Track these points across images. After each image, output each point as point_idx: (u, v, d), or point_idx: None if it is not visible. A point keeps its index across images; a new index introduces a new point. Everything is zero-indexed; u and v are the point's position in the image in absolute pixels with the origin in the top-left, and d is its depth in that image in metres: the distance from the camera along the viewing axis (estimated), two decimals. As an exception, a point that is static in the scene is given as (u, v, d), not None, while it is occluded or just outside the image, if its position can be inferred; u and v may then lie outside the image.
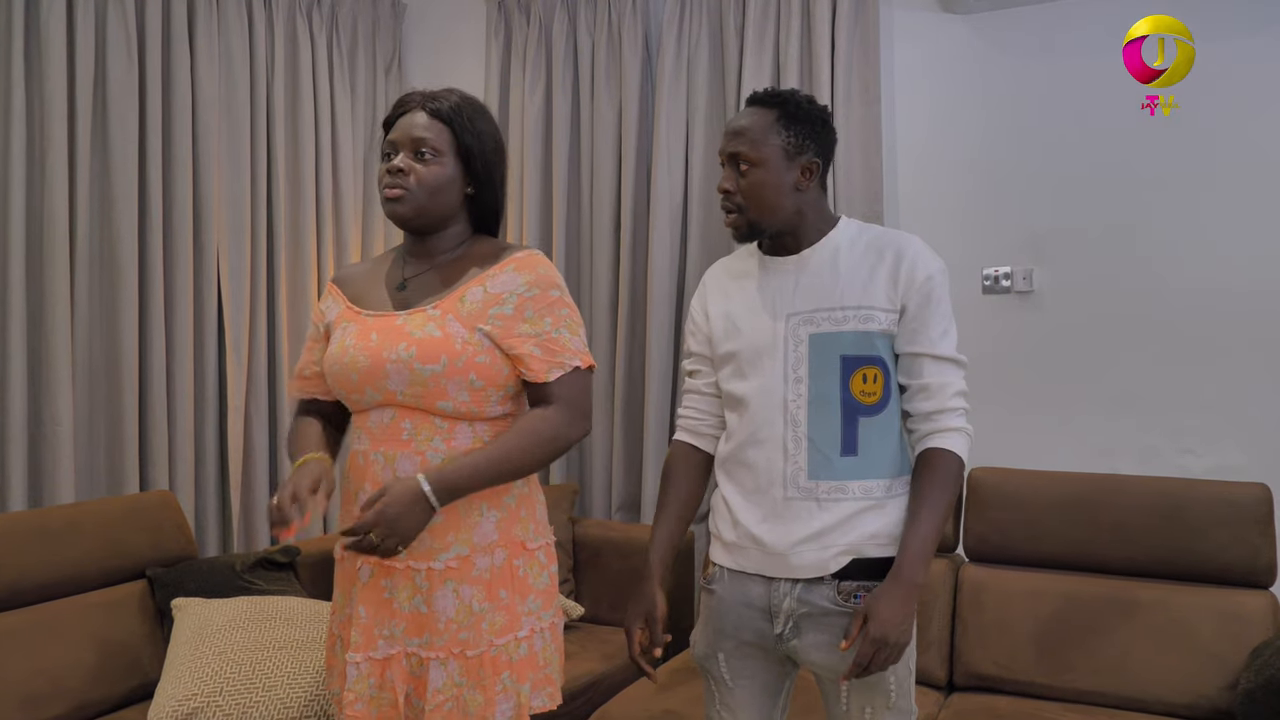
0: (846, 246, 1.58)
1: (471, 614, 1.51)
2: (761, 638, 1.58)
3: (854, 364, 1.53)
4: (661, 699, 2.28)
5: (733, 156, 1.57)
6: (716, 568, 1.64)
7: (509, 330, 1.52)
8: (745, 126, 1.56)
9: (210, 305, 2.97)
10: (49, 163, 2.61)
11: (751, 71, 2.97)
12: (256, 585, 2.41)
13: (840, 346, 1.53)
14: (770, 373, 1.56)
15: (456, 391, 1.50)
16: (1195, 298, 2.60)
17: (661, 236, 3.08)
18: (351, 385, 1.54)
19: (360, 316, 1.58)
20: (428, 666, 1.50)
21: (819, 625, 1.53)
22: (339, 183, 3.33)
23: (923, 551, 1.49)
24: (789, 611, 1.55)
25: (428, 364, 1.48)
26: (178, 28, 2.87)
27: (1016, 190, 2.79)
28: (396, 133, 1.57)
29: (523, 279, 1.54)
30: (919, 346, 1.53)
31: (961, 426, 1.54)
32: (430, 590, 1.51)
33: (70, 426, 2.63)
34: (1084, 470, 2.55)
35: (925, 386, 1.54)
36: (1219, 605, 2.20)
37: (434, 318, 1.52)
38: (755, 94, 1.61)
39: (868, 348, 1.53)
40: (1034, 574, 2.38)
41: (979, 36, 2.84)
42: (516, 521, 1.57)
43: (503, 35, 3.37)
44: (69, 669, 2.16)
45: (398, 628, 1.52)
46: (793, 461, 1.54)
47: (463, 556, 1.51)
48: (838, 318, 1.54)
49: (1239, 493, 2.25)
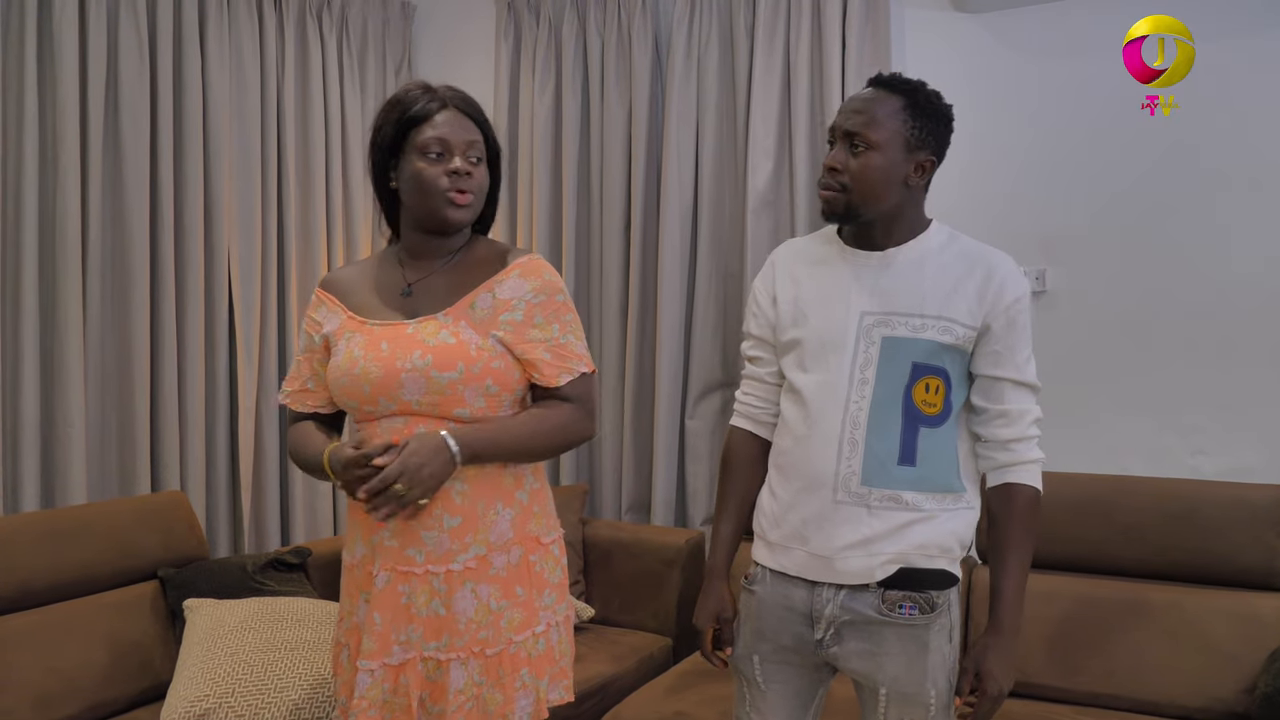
0: (936, 252, 1.53)
1: (490, 612, 1.51)
2: (801, 643, 1.54)
3: (921, 372, 1.48)
4: (673, 701, 2.28)
5: (850, 134, 1.49)
6: (758, 568, 1.60)
7: (520, 336, 1.53)
8: (869, 106, 1.48)
9: (221, 306, 2.98)
10: (61, 164, 2.62)
11: (762, 71, 2.96)
12: (268, 586, 2.42)
13: (914, 353, 1.48)
14: (835, 368, 1.51)
15: (473, 398, 1.50)
16: (1209, 298, 2.58)
17: (671, 237, 3.08)
18: (364, 396, 1.51)
19: (366, 326, 1.55)
20: (446, 669, 1.49)
21: (861, 633, 1.50)
22: (349, 183, 3.34)
23: (1017, 600, 1.50)
24: (831, 618, 1.51)
25: (445, 371, 1.48)
26: (189, 30, 2.88)
27: (1030, 190, 2.78)
28: (443, 130, 1.51)
29: (529, 285, 1.54)
30: (1003, 371, 1.49)
31: (1039, 458, 1.52)
32: (449, 593, 1.49)
33: (82, 427, 2.64)
34: (1097, 471, 2.53)
35: (1005, 413, 1.50)
36: (1233, 608, 2.19)
37: (446, 324, 1.51)
38: (883, 76, 1.53)
39: (937, 358, 1.49)
40: (1046, 576, 2.35)
41: (991, 35, 2.82)
42: (531, 517, 1.57)
43: (512, 36, 3.37)
44: (81, 669, 2.17)
45: (415, 632, 1.50)
46: (847, 464, 1.49)
47: (480, 556, 1.51)
48: (915, 324, 1.48)
49: (1254, 494, 2.24)
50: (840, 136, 1.51)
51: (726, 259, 3.08)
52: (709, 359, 3.09)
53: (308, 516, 3.20)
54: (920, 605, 1.49)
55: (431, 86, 1.57)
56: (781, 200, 2.99)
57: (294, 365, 1.67)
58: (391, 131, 1.54)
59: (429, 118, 1.52)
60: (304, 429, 1.64)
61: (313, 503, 3.22)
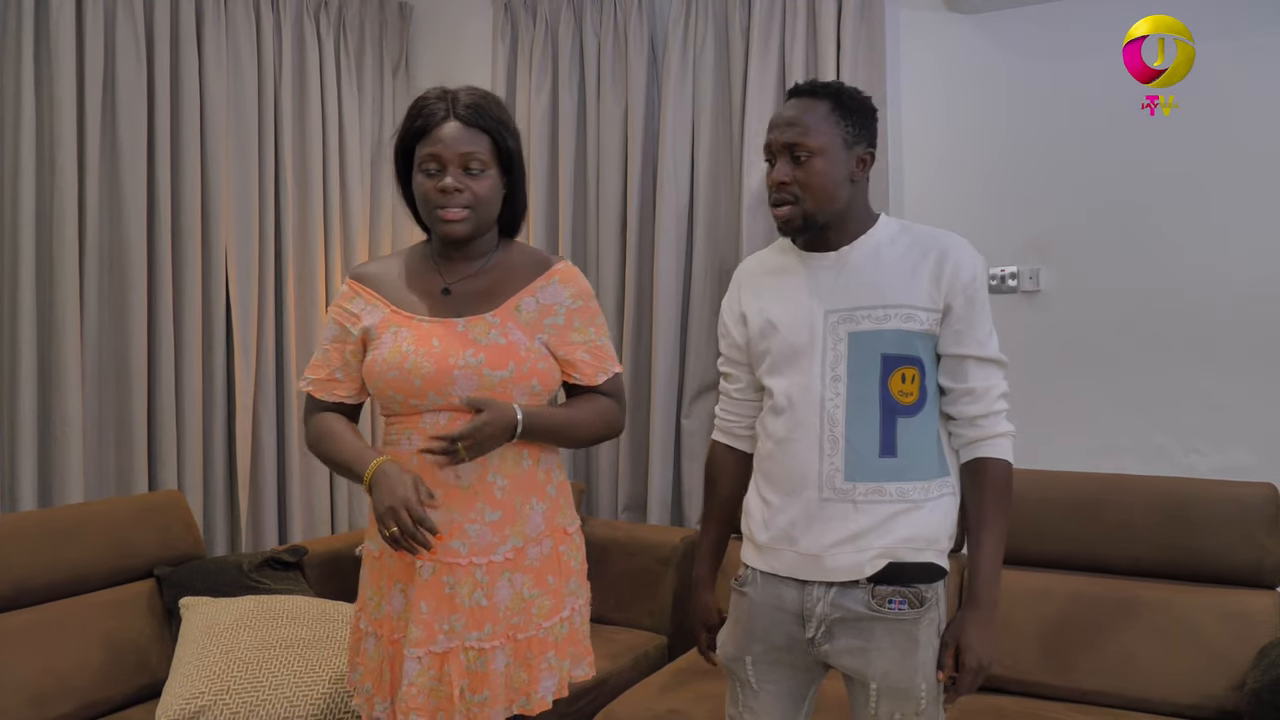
0: (888, 243, 1.56)
1: (523, 600, 1.59)
2: (792, 642, 1.56)
3: (894, 363, 1.50)
4: (666, 699, 2.29)
5: (789, 146, 1.52)
6: (748, 570, 1.62)
7: (563, 339, 1.63)
8: (800, 116, 1.52)
9: (219, 306, 2.99)
10: (58, 165, 2.63)
11: (757, 72, 2.97)
12: (264, 584, 2.42)
13: (881, 345, 1.50)
14: (808, 371, 1.54)
15: (519, 396, 1.57)
16: (1203, 297, 2.59)
17: (667, 237, 3.08)
18: (413, 390, 1.55)
19: (414, 321, 1.59)
20: (489, 658, 1.56)
21: (852, 630, 1.51)
22: (347, 184, 3.35)
23: (992, 571, 1.52)
24: (822, 616, 1.53)
25: (497, 370, 1.55)
26: (186, 30, 2.89)
27: (1023, 190, 2.79)
28: (437, 146, 1.54)
29: (568, 291, 1.64)
30: (965, 348, 1.52)
31: (1008, 430, 1.54)
32: (491, 583, 1.57)
33: (79, 427, 2.65)
34: (1090, 470, 2.54)
35: (971, 390, 1.52)
36: (1225, 605, 2.19)
37: (495, 325, 1.58)
38: (800, 85, 1.57)
39: (908, 347, 1.51)
40: (1039, 574, 2.37)
41: (985, 36, 2.83)
42: (559, 510, 1.66)
43: (509, 36, 3.38)
44: (77, 668, 2.18)
45: (458, 622, 1.56)
46: (829, 462, 1.52)
47: (517, 548, 1.59)
48: (879, 316, 1.51)
49: (1246, 493, 2.24)
50: (779, 151, 1.54)
51: (722, 258, 3.09)
52: (705, 358, 3.10)
53: (305, 515, 3.20)
54: (910, 600, 1.50)
55: (449, 92, 1.58)
56: (777, 200, 2.99)
57: (318, 354, 1.68)
58: (404, 142, 1.60)
59: (430, 131, 1.55)
60: (333, 425, 1.65)
61: (310, 501, 3.22)
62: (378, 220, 3.50)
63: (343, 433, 1.63)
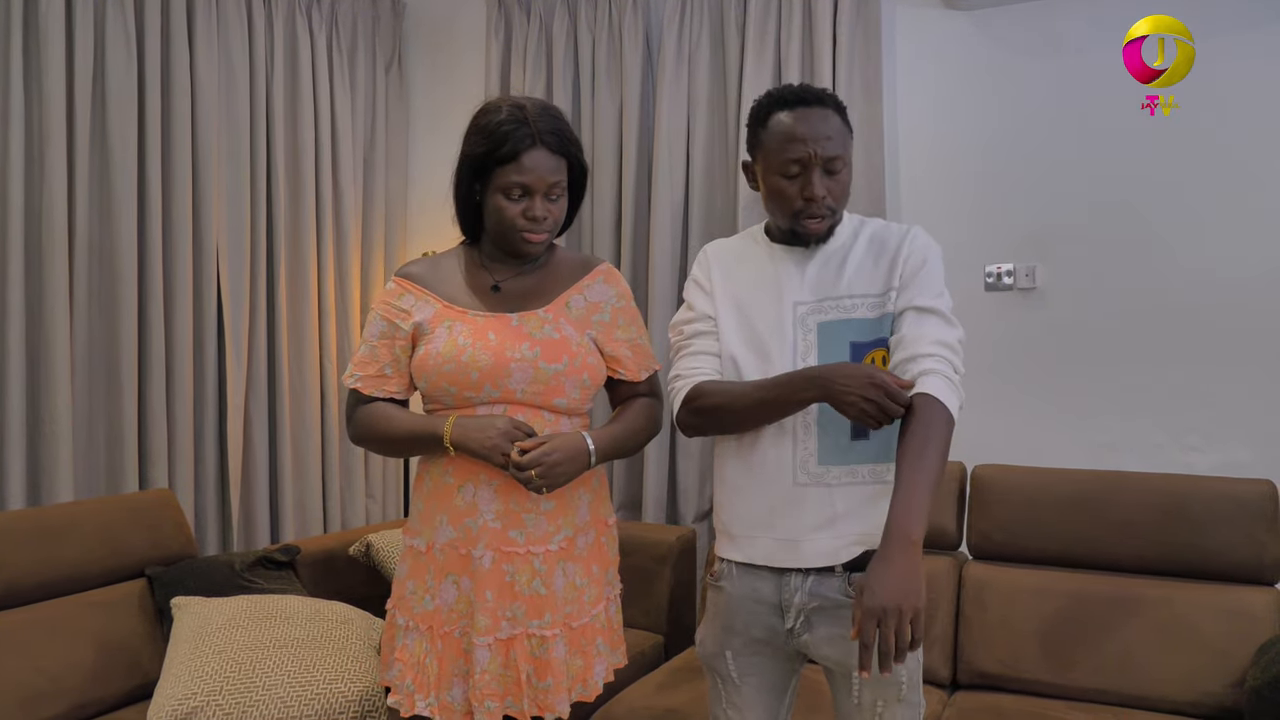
0: (849, 238, 1.59)
1: (575, 589, 1.65)
2: (772, 634, 1.56)
3: (863, 349, 1.52)
4: (664, 697, 2.27)
5: (829, 159, 1.52)
6: (724, 563, 1.61)
7: (609, 335, 1.69)
8: (831, 128, 1.53)
9: (210, 303, 2.96)
10: (48, 160, 2.61)
11: (753, 68, 2.96)
12: (256, 584, 2.40)
13: (849, 333, 1.52)
14: (778, 361, 1.54)
15: (571, 389, 1.62)
16: (1199, 294, 2.59)
17: (663, 233, 3.07)
18: (469, 382, 1.58)
19: (468, 316, 1.62)
20: (549, 645, 1.61)
21: (830, 618, 1.51)
22: (339, 180, 3.33)
23: (910, 504, 1.35)
24: (800, 605, 1.52)
25: (552, 364, 1.59)
26: (177, 25, 2.87)
27: (1019, 187, 2.78)
28: (529, 176, 1.57)
29: (613, 291, 1.71)
30: (902, 303, 1.51)
31: (936, 369, 1.43)
32: (548, 572, 1.61)
33: (69, 425, 2.63)
34: (1089, 467, 2.53)
35: (902, 339, 1.49)
36: (1224, 602, 2.19)
37: (548, 320, 1.63)
38: (812, 91, 1.55)
39: (876, 331, 1.52)
40: (1038, 571, 2.36)
41: (981, 32, 2.83)
42: (601, 501, 1.72)
43: (503, 33, 3.36)
44: (68, 668, 2.15)
45: (520, 610, 1.60)
46: (803, 447, 1.52)
47: (569, 538, 1.64)
48: (846, 306, 1.54)
49: (1245, 489, 2.24)
50: (816, 164, 1.52)
51: (718, 256, 3.08)
52: (700, 356, 3.09)
53: (297, 515, 3.18)
54: None
55: (524, 112, 1.58)
56: (773, 197, 2.99)
57: (365, 350, 1.69)
58: (480, 159, 1.60)
59: (515, 158, 1.57)
60: (387, 409, 1.67)
61: (302, 501, 3.20)
62: (370, 217, 3.47)
63: (399, 412, 1.67)
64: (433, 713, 1.61)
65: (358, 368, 1.69)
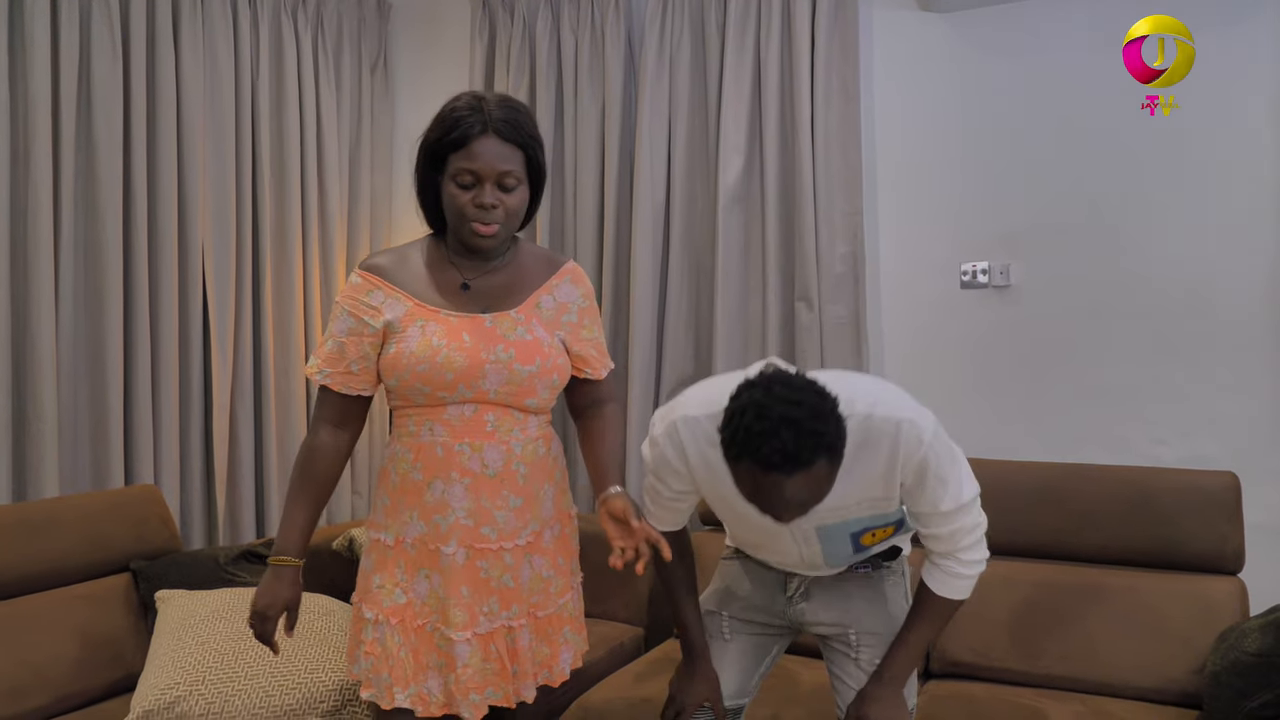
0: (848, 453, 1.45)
1: (541, 580, 1.69)
2: (771, 601, 1.76)
3: (864, 532, 1.61)
4: (641, 687, 2.31)
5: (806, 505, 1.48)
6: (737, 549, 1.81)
7: (576, 335, 1.71)
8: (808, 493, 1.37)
9: (195, 302, 2.98)
10: (33, 160, 2.63)
11: (732, 69, 3.00)
12: (240, 577, 2.43)
13: (849, 528, 1.59)
14: (778, 549, 1.68)
15: (542, 390, 1.65)
16: (1167, 291, 2.63)
17: (644, 233, 3.11)
18: (443, 383, 1.58)
19: (441, 316, 1.61)
20: (516, 635, 1.66)
21: (826, 587, 1.73)
22: (324, 181, 3.35)
23: (906, 659, 1.63)
24: (801, 580, 1.75)
25: (526, 365, 1.61)
26: (162, 26, 2.89)
27: (993, 187, 2.83)
28: (476, 162, 1.55)
29: (578, 291, 1.72)
30: (924, 507, 1.54)
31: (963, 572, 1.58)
32: (516, 565, 1.65)
33: (55, 422, 2.64)
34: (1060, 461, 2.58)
35: (935, 536, 1.58)
36: (1187, 591, 2.23)
37: (520, 322, 1.64)
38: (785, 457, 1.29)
39: (876, 521, 1.59)
40: (1007, 562, 2.39)
41: (957, 35, 2.87)
42: (563, 494, 1.76)
43: (486, 34, 3.40)
44: (52, 661, 2.18)
45: (494, 604, 1.64)
46: (809, 564, 1.69)
47: (536, 532, 1.68)
48: (842, 513, 1.54)
49: (1208, 481, 2.29)
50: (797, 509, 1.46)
51: (699, 254, 3.12)
52: (682, 354, 3.12)
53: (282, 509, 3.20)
54: (872, 564, 1.74)
55: (481, 101, 1.58)
56: (752, 196, 3.03)
57: (332, 348, 1.64)
58: (434, 148, 1.60)
59: (466, 144, 1.56)
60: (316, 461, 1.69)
61: (287, 496, 3.22)
62: (355, 217, 3.50)
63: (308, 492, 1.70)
64: (412, 704, 1.61)
65: (325, 363, 1.64)
